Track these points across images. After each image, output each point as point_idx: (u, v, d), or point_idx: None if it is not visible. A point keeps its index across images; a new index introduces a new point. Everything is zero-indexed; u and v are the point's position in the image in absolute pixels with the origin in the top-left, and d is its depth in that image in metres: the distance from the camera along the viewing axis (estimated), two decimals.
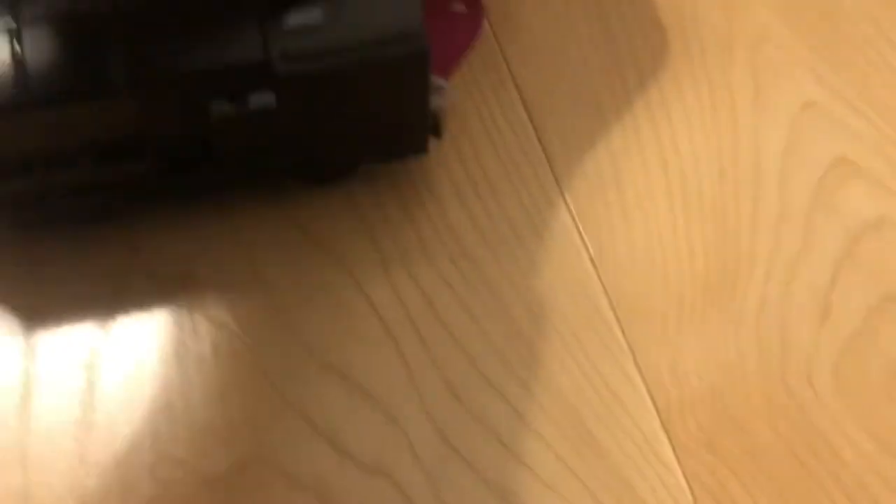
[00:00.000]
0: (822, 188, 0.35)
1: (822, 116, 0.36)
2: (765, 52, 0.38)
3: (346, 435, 0.30)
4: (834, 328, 0.32)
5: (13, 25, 0.27)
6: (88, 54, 0.27)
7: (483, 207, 0.34)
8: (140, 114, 0.28)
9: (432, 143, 0.33)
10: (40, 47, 0.27)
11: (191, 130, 0.29)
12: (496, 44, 0.38)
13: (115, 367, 0.31)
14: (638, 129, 0.36)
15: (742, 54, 0.38)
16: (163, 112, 0.28)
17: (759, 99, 0.37)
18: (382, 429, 0.30)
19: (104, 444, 0.29)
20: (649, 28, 0.38)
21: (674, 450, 0.30)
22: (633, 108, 0.36)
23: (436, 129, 0.33)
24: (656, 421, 0.30)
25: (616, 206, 0.34)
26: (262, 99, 0.28)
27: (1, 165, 0.29)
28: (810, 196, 0.35)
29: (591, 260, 0.33)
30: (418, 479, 0.29)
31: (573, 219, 0.34)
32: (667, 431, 0.30)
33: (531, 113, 0.36)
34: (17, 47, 0.27)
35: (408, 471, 0.29)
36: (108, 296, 0.32)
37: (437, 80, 0.33)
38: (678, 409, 0.30)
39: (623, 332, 0.32)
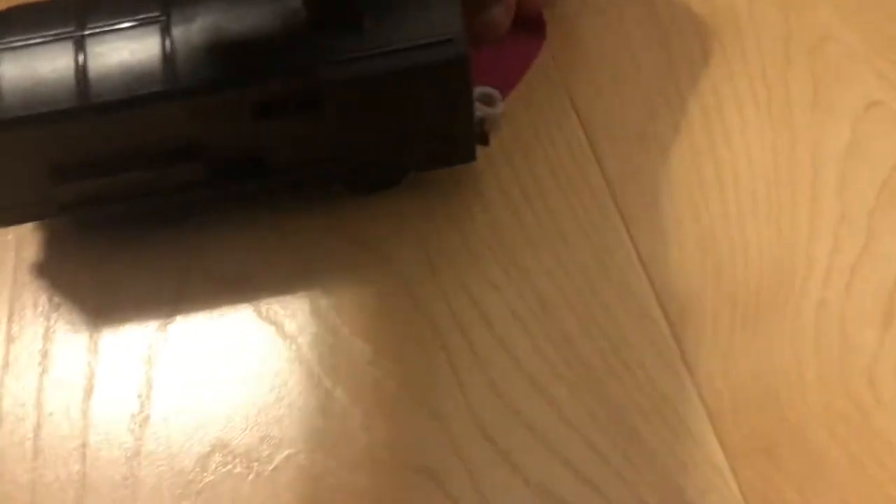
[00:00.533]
0: (885, 190, 0.34)
1: (886, 117, 0.35)
2: (825, 51, 0.37)
3: (392, 430, 0.30)
4: None
5: (78, 34, 0.29)
6: (145, 63, 0.28)
7: (532, 212, 0.34)
8: (193, 120, 0.29)
9: (480, 151, 0.33)
10: (101, 55, 0.28)
11: (241, 137, 0.30)
12: (548, 48, 0.38)
13: (172, 363, 0.32)
14: (691, 131, 0.35)
15: (801, 54, 0.37)
16: (214, 119, 0.29)
17: (819, 99, 0.36)
18: (426, 425, 0.30)
19: (159, 437, 0.30)
20: (704, 30, 0.38)
21: (726, 454, 0.29)
22: (687, 110, 0.36)
23: (483, 137, 0.33)
24: (707, 425, 0.29)
25: (668, 207, 0.34)
26: (308, 104, 0.29)
27: (68, 168, 0.30)
28: (873, 198, 0.33)
29: (641, 261, 0.33)
30: (461, 478, 0.29)
31: (623, 221, 0.34)
32: (719, 435, 0.29)
33: (581, 116, 0.36)
34: (81, 55, 0.28)
35: (451, 469, 0.29)
36: (168, 295, 0.33)
37: (488, 89, 0.33)
38: (731, 413, 0.30)
39: (674, 333, 0.31)
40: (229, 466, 0.30)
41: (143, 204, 0.32)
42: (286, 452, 0.30)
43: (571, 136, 0.36)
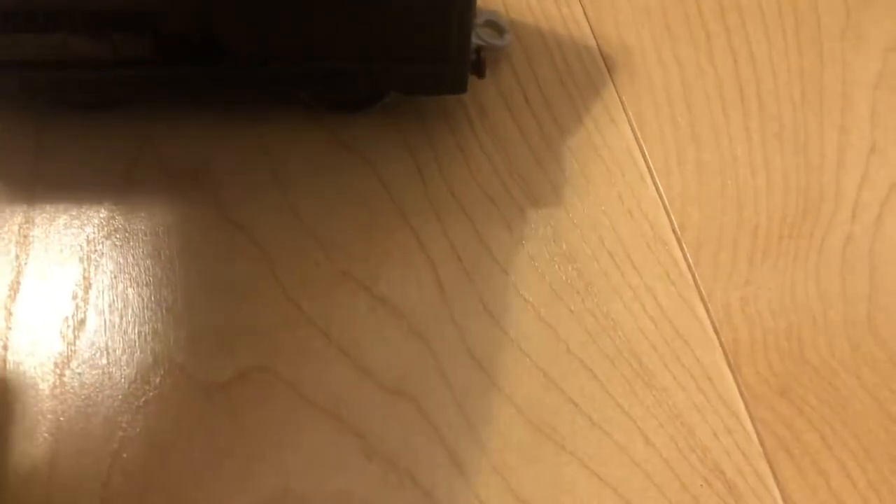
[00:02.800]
0: None
1: None
2: None
3: (366, 351, 0.26)
4: None
5: None
6: None
7: (535, 120, 0.30)
8: None
9: (472, 81, 0.29)
10: None
11: (195, 12, 0.25)
12: None
13: (114, 259, 0.27)
14: (711, 47, 0.32)
15: None
16: None
17: (850, 26, 0.33)
18: (407, 345, 0.26)
19: (95, 343, 0.26)
20: None
21: (741, 394, 0.26)
22: (706, 22, 0.33)
23: (478, 66, 0.29)
24: (723, 360, 0.26)
25: (685, 125, 0.30)
26: None
27: (2, 14, 0.25)
28: None
29: (654, 181, 0.29)
30: (445, 402, 0.25)
31: (636, 136, 0.30)
32: (734, 373, 0.26)
33: (591, 20, 0.32)
34: None
35: (434, 392, 0.25)
36: (115, 184, 0.29)
37: (495, 15, 0.29)
38: (748, 350, 0.26)
39: (688, 261, 0.28)
40: (176, 379, 0.25)
41: (80, 75, 0.27)
42: (242, 366, 0.26)
43: (581, 46, 0.32)
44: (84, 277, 0.27)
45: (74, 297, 0.27)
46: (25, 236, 0.28)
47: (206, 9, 0.25)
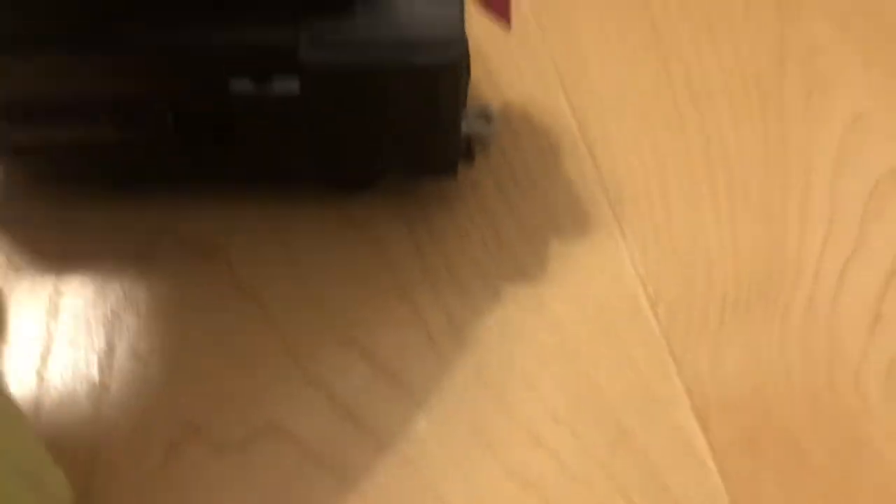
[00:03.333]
0: (874, 197, 0.34)
1: (874, 127, 0.35)
2: (817, 59, 0.37)
3: (367, 412, 0.28)
4: (884, 336, 0.30)
5: None
6: (118, 6, 0.26)
7: (522, 196, 0.33)
8: (161, 79, 0.27)
9: (462, 166, 0.31)
10: None
11: (212, 106, 0.28)
12: (544, 44, 0.37)
13: (136, 330, 0.30)
14: (684, 126, 0.35)
15: (794, 62, 0.37)
16: (184, 81, 0.28)
17: (811, 105, 0.36)
18: (406, 409, 0.29)
19: (119, 406, 0.29)
20: (700, 31, 0.38)
21: (711, 449, 0.28)
22: (679, 105, 0.36)
23: (469, 152, 0.31)
24: (693, 419, 0.29)
25: (658, 198, 0.33)
26: (286, 85, 0.27)
27: (26, 108, 0.28)
28: (862, 204, 0.33)
29: (631, 254, 0.32)
30: (443, 464, 0.28)
31: (614, 212, 0.33)
32: (704, 430, 0.28)
33: (574, 106, 0.35)
34: None
35: (431, 454, 0.28)
36: (135, 258, 0.31)
37: (486, 105, 0.32)
38: (717, 408, 0.29)
39: (661, 326, 0.30)
40: (192, 440, 0.28)
41: (102, 161, 0.30)
42: (254, 427, 0.28)
43: (564, 130, 0.35)
44: (108, 345, 0.30)
45: (100, 363, 0.29)
46: (56, 305, 0.30)
47: (224, 102, 0.28)
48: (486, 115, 0.33)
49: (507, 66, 0.36)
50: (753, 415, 0.29)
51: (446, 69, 0.26)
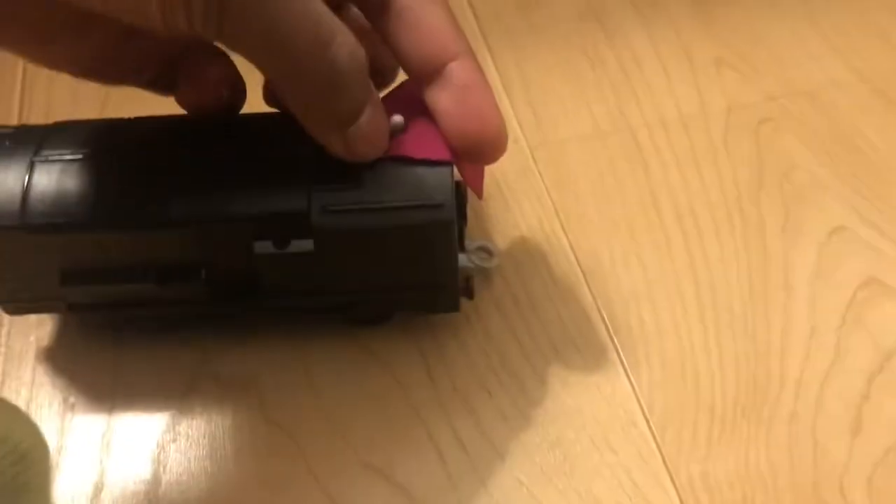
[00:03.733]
0: (852, 307, 0.36)
1: (850, 240, 0.38)
2: (794, 179, 0.40)
3: None
4: (867, 442, 0.33)
5: (108, 157, 0.32)
6: (155, 190, 0.31)
7: (524, 322, 0.36)
8: (195, 245, 0.32)
9: (464, 302, 0.35)
10: (123, 178, 0.31)
11: (239, 265, 0.32)
12: (539, 175, 0.41)
13: (180, 462, 0.33)
14: (671, 251, 0.38)
15: (772, 182, 0.40)
16: (215, 246, 0.32)
17: (789, 223, 0.39)
18: None
19: None
20: (684, 159, 0.41)
21: None
22: (667, 229, 0.39)
23: (468, 291, 0.35)
24: None
25: (649, 320, 0.36)
26: (302, 245, 0.31)
27: (82, 274, 0.32)
28: (840, 315, 0.36)
29: (626, 371, 0.35)
30: None
31: (609, 334, 0.36)
32: None
33: (569, 234, 0.39)
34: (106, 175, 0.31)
35: None
36: (179, 395, 0.35)
37: (485, 243, 0.36)
38: None
39: (656, 441, 0.33)
40: None
41: (148, 312, 0.35)
42: None
43: (561, 257, 0.38)
44: (154, 476, 0.33)
45: (147, 495, 0.33)
46: (108, 442, 0.34)
47: (249, 263, 0.32)
48: (487, 250, 0.36)
49: (509, 202, 0.40)
50: None
51: (439, 226, 0.30)
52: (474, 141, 0.29)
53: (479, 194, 0.34)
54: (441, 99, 0.29)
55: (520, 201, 0.40)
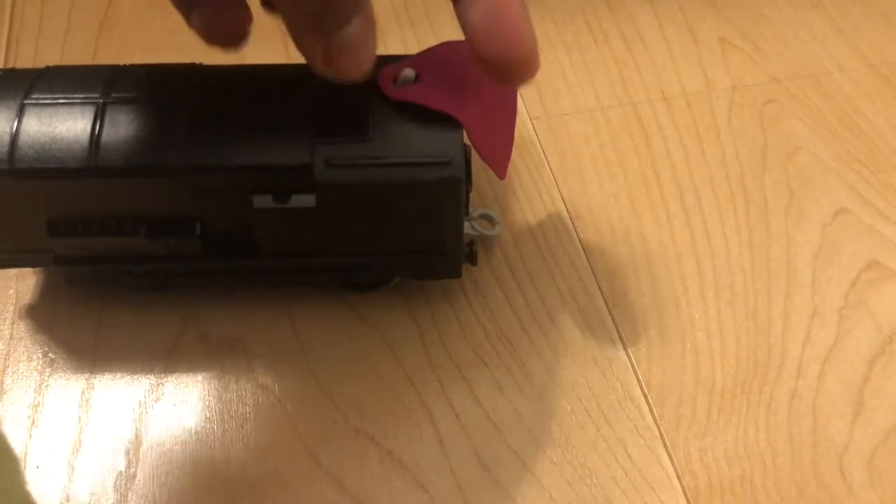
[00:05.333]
0: (854, 289, 0.36)
1: (852, 223, 0.38)
2: (798, 161, 0.40)
3: (376, 500, 0.30)
4: (867, 423, 0.32)
5: (101, 101, 0.30)
6: (150, 137, 0.30)
7: (520, 291, 0.36)
8: (191, 197, 0.30)
9: (469, 269, 0.34)
10: (118, 124, 0.30)
11: (236, 220, 0.31)
12: (539, 147, 0.40)
13: (162, 422, 0.32)
14: (671, 226, 0.37)
15: (776, 163, 0.40)
16: (211, 198, 0.30)
17: (793, 204, 0.38)
18: (411, 495, 0.30)
19: (144, 495, 0.30)
20: (687, 136, 0.41)
21: None
22: (668, 205, 0.38)
23: (471, 256, 0.34)
24: (684, 501, 0.30)
25: (650, 297, 0.35)
26: (303, 200, 0.30)
27: (71, 225, 0.31)
28: (842, 296, 0.35)
29: (623, 345, 0.34)
30: None
31: (607, 306, 0.35)
32: None
33: (570, 210, 0.38)
34: (98, 121, 0.30)
35: None
36: (163, 355, 0.34)
37: (488, 211, 0.35)
38: (707, 494, 0.30)
39: (654, 416, 0.32)
40: None
41: (138, 268, 0.33)
42: None
43: (560, 229, 0.38)
44: (136, 436, 0.32)
45: (127, 454, 0.31)
46: (87, 400, 0.33)
47: (247, 218, 0.31)
48: (489, 218, 0.35)
49: (510, 172, 0.39)
50: (742, 498, 0.30)
51: (447, 184, 0.29)
52: (504, 59, 0.26)
53: (501, 174, 0.32)
54: (471, 13, 0.26)
55: (519, 172, 0.40)
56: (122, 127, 0.30)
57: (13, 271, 0.36)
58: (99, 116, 0.30)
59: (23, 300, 0.35)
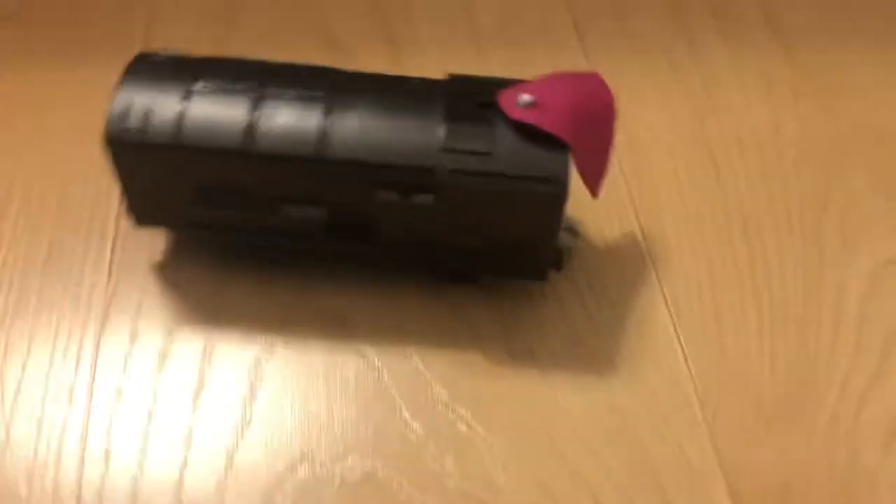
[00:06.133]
0: (894, 337, 0.39)
1: None
2: (856, 210, 0.44)
3: (459, 466, 0.35)
4: None
5: (255, 94, 0.35)
6: (299, 128, 0.35)
7: (595, 301, 0.40)
8: (325, 183, 0.35)
9: (550, 274, 0.38)
10: (270, 115, 0.35)
11: (359, 208, 0.36)
12: (621, 174, 0.45)
13: (274, 378, 0.37)
14: (734, 249, 0.42)
15: (835, 208, 0.44)
16: (343, 186, 0.35)
17: (847, 246, 0.42)
18: (491, 456, 0.35)
19: (257, 441, 0.35)
20: (754, 175, 0.45)
21: None
22: (731, 230, 0.42)
23: (558, 263, 0.39)
24: (728, 499, 0.34)
25: (710, 310, 0.39)
26: (423, 198, 0.35)
27: (210, 194, 0.36)
28: (885, 338, 0.39)
29: (685, 357, 0.38)
30: None
31: (671, 317, 0.39)
32: None
33: (642, 224, 0.42)
34: (255, 111, 0.35)
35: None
36: (278, 319, 0.38)
37: (573, 222, 0.40)
38: (750, 494, 0.34)
39: (706, 419, 0.36)
40: (316, 473, 0.34)
41: (265, 240, 0.38)
42: (366, 469, 0.34)
43: (631, 244, 0.42)
44: (251, 390, 0.36)
45: (244, 405, 0.36)
46: (209, 356, 0.37)
47: (374, 208, 0.35)
48: (573, 230, 0.40)
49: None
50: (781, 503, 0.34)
51: (551, 199, 0.34)
52: None
53: (595, 193, 0.37)
54: None
55: (601, 196, 0.43)
56: (274, 117, 0.35)
57: (145, 236, 0.41)
58: (256, 107, 0.35)
59: (154, 260, 0.40)
